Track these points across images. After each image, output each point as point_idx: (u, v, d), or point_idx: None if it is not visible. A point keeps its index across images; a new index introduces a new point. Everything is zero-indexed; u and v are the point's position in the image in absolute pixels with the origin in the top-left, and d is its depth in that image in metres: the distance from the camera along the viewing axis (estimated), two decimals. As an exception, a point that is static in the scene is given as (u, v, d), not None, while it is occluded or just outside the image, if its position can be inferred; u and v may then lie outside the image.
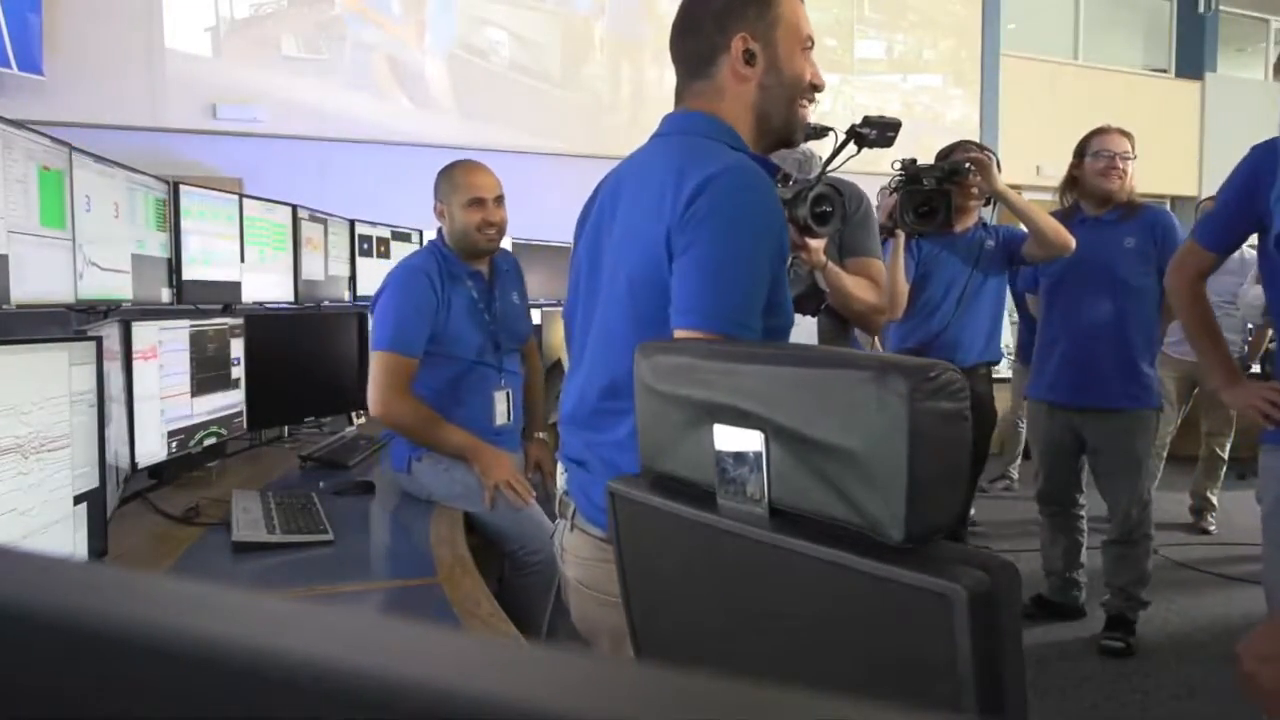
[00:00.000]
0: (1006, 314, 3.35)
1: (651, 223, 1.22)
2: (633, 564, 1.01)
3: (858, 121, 1.62)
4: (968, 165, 2.71)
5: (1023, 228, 2.82)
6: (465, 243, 2.31)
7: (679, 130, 1.32)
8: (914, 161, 2.70)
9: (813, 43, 1.33)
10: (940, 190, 2.62)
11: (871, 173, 2.47)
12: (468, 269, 2.33)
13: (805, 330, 2.03)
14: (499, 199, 2.31)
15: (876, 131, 1.59)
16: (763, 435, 0.78)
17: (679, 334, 1.17)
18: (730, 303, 1.16)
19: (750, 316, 1.18)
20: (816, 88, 1.33)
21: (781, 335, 1.30)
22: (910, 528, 0.68)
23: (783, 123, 1.32)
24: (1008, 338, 4.65)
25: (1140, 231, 2.88)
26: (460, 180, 2.30)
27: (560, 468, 1.43)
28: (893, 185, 2.71)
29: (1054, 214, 2.97)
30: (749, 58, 1.28)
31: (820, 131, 1.58)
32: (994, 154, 2.81)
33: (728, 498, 0.83)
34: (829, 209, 1.64)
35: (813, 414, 0.74)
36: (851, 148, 1.63)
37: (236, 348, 2.57)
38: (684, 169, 1.20)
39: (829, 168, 1.69)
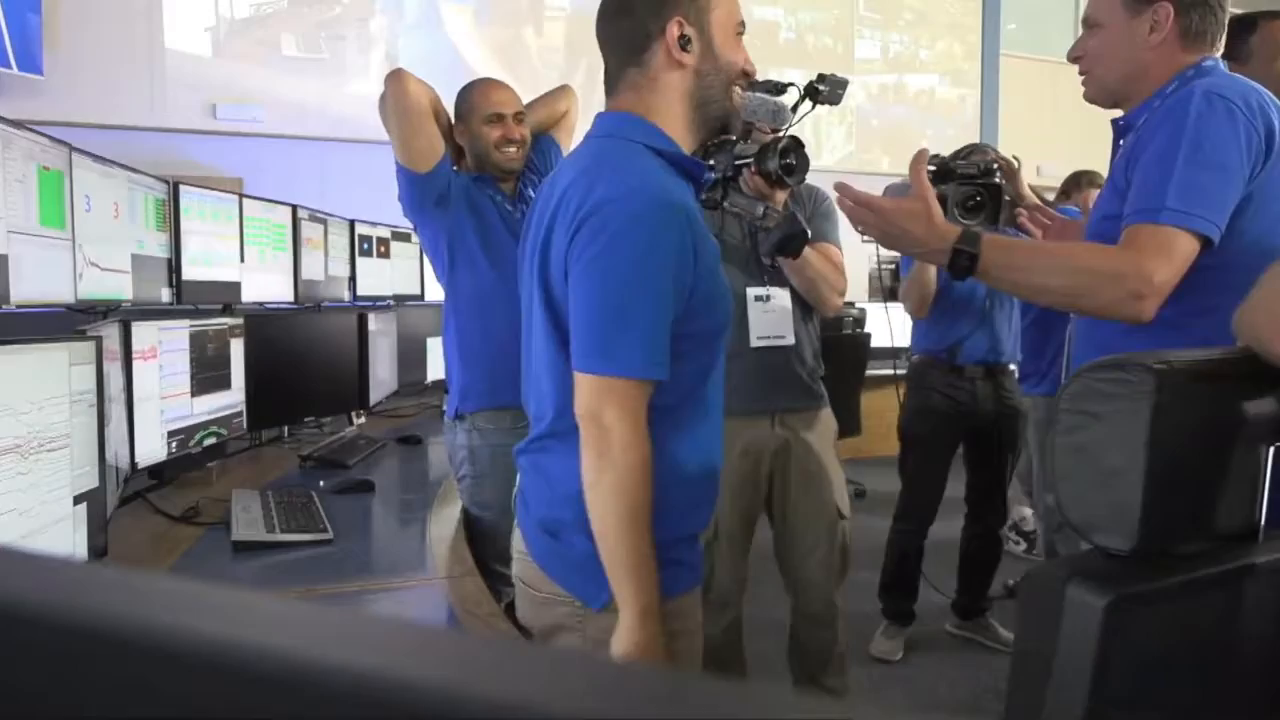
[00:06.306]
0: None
1: (559, 238, 1.21)
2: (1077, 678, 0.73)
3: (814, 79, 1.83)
4: (996, 166, 2.64)
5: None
6: (486, 162, 2.25)
7: (604, 133, 1.30)
8: (937, 155, 2.64)
9: (744, 28, 1.32)
10: (992, 185, 2.55)
11: (871, 173, 2.45)
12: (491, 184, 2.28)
13: (779, 304, 2.10)
14: (519, 115, 2.26)
15: (829, 89, 1.80)
16: None
17: (581, 380, 1.16)
18: (627, 344, 1.15)
19: (653, 355, 1.15)
20: (748, 74, 1.32)
21: (716, 337, 1.27)
22: None
23: (721, 110, 1.31)
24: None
25: None
26: (478, 99, 2.25)
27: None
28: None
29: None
30: (684, 43, 1.25)
31: (781, 88, 1.79)
32: (1018, 160, 2.72)
33: None
34: (794, 161, 1.79)
35: None
36: (808, 103, 1.81)
37: (236, 348, 2.57)
38: (590, 184, 1.19)
39: (793, 122, 1.85)
